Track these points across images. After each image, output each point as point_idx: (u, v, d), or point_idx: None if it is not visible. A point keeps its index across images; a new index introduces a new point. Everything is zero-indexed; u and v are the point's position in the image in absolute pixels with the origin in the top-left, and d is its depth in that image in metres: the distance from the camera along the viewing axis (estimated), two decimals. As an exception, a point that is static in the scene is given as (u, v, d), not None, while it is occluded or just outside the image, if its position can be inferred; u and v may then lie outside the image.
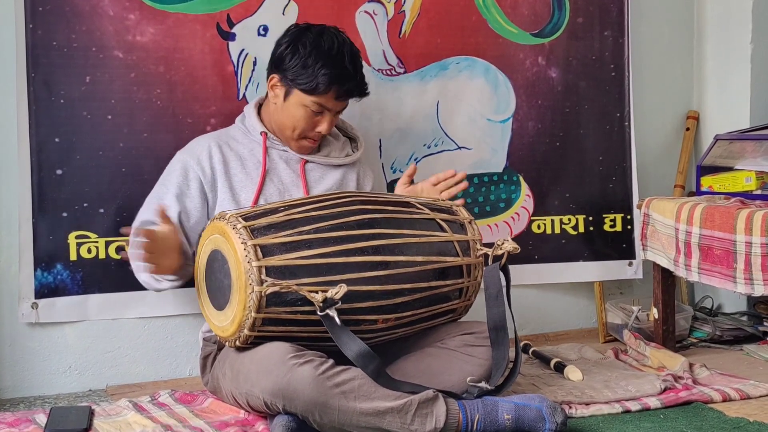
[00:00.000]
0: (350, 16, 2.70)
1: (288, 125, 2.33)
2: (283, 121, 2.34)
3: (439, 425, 1.93)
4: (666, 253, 2.65)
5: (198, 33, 2.54)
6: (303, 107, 2.29)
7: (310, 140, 2.36)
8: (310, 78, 2.25)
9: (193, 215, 2.29)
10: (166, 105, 2.52)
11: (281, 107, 2.33)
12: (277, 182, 2.35)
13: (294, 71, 2.27)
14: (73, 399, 2.43)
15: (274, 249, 1.98)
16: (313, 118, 2.31)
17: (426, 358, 2.17)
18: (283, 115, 2.33)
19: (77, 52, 2.43)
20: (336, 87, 2.27)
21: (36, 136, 2.40)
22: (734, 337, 2.89)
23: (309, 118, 2.31)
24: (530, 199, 2.96)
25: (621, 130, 3.05)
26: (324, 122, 2.32)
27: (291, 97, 2.30)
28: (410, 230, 2.13)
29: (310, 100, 2.28)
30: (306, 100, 2.28)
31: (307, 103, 2.29)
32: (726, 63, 3.11)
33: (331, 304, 1.93)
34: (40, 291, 2.42)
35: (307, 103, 2.29)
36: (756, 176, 2.68)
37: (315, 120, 2.32)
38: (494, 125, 2.91)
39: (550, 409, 1.97)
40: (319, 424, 1.93)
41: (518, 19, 2.91)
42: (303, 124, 2.31)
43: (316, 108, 2.29)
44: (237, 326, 1.99)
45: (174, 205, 2.27)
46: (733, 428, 2.05)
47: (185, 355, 2.60)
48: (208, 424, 2.09)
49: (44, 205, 2.41)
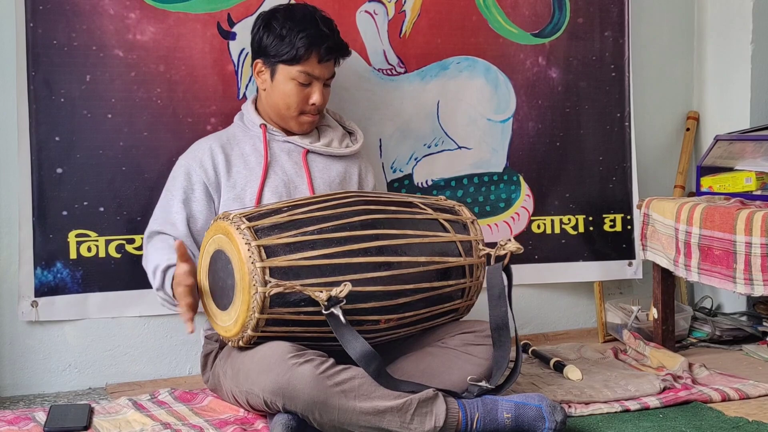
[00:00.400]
0: (351, 15, 2.70)
1: (281, 104, 2.34)
2: (276, 101, 2.35)
3: (438, 424, 1.93)
4: (666, 253, 2.65)
5: (198, 32, 2.54)
6: (291, 81, 2.31)
7: (308, 114, 2.37)
8: (289, 46, 2.28)
9: (200, 219, 2.30)
10: (166, 104, 2.52)
11: (271, 89, 2.35)
12: (281, 174, 2.36)
13: (273, 47, 2.30)
14: (73, 397, 2.43)
15: (278, 250, 1.98)
16: (304, 90, 2.33)
17: (426, 358, 2.17)
18: (274, 95, 2.34)
19: (77, 50, 2.43)
20: (316, 49, 2.29)
21: (36, 134, 2.40)
22: (734, 337, 2.89)
23: (299, 91, 2.32)
24: (530, 199, 2.96)
25: (621, 130, 3.05)
26: (315, 93, 2.33)
27: (277, 75, 2.32)
28: (413, 230, 2.13)
29: (296, 71, 2.30)
30: (292, 71, 2.30)
31: (293, 74, 2.30)
32: (726, 63, 3.11)
33: (335, 302, 1.94)
34: (40, 289, 2.42)
35: (293, 75, 2.30)
36: (756, 177, 2.68)
37: (306, 92, 2.33)
38: (494, 125, 2.91)
39: (549, 408, 1.97)
40: (318, 423, 1.93)
41: (519, 19, 2.91)
42: (295, 99, 2.33)
43: (304, 78, 2.31)
44: (240, 326, 1.99)
45: (181, 212, 2.28)
46: (732, 428, 2.05)
47: (185, 354, 2.60)
48: (208, 423, 2.09)
49: (44, 204, 2.42)
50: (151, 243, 2.29)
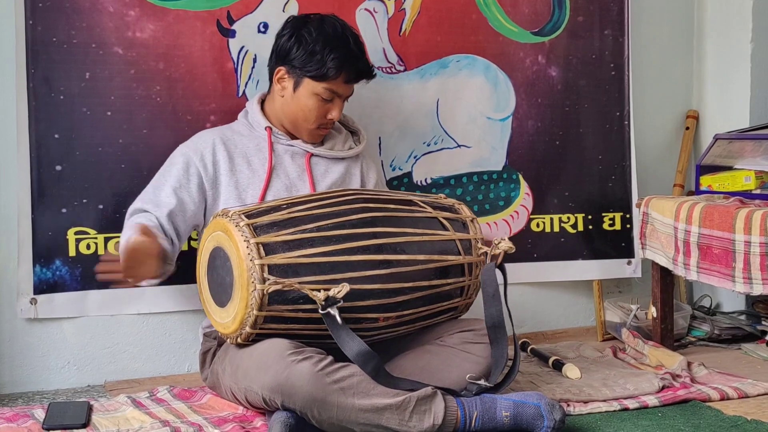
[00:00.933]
0: (350, 13, 2.70)
1: (300, 116, 2.34)
2: (294, 111, 2.34)
3: (437, 422, 1.93)
4: (665, 251, 2.65)
5: (198, 30, 2.54)
6: (314, 96, 2.30)
7: (323, 128, 2.37)
8: (320, 64, 2.27)
9: (189, 209, 2.29)
10: (165, 102, 2.52)
11: (291, 99, 2.34)
12: (284, 177, 2.36)
13: (302, 60, 2.28)
14: (72, 394, 2.43)
15: (277, 247, 1.98)
16: (324, 105, 2.32)
17: (425, 356, 2.17)
18: (294, 105, 2.34)
19: (77, 48, 2.43)
20: (346, 70, 2.29)
21: (35, 132, 2.40)
22: (732, 336, 2.89)
23: (320, 106, 2.32)
24: (529, 198, 2.96)
25: (620, 129, 3.05)
26: (335, 109, 2.33)
27: (301, 88, 2.31)
28: (412, 229, 2.13)
29: (322, 87, 2.29)
30: (317, 87, 2.29)
31: (318, 90, 2.29)
32: (726, 62, 3.11)
33: (333, 302, 1.94)
34: (38, 287, 2.42)
35: (318, 91, 2.30)
36: (755, 176, 2.68)
37: (326, 108, 2.33)
38: (494, 123, 2.91)
39: (548, 406, 1.97)
40: (317, 421, 1.93)
41: (518, 17, 2.91)
42: (315, 113, 2.32)
43: (328, 95, 2.30)
44: (239, 323, 1.99)
45: (170, 197, 2.26)
46: (731, 426, 2.05)
47: (184, 351, 2.60)
48: (207, 420, 2.09)
49: (43, 201, 2.41)
50: (131, 219, 2.27)
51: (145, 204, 2.27)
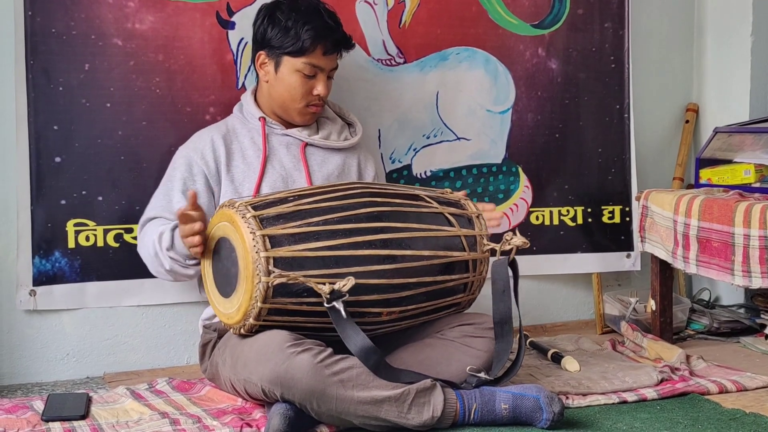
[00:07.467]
0: (350, 5, 2.69)
1: (286, 96, 2.34)
2: (280, 93, 2.35)
3: (436, 414, 1.93)
4: (664, 245, 2.65)
5: (197, 21, 2.54)
6: (296, 73, 2.31)
7: (312, 106, 2.37)
8: (295, 39, 2.28)
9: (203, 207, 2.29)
10: (165, 93, 2.51)
11: (275, 81, 2.34)
12: (279, 168, 2.36)
13: (278, 39, 2.30)
14: (71, 386, 2.43)
15: (283, 240, 1.98)
16: (308, 82, 2.33)
17: (425, 349, 2.17)
18: (278, 88, 2.34)
19: (76, 39, 2.42)
20: (322, 41, 2.30)
21: (34, 123, 2.40)
22: (731, 329, 2.89)
23: (304, 83, 2.33)
24: (529, 191, 2.96)
25: (620, 122, 3.05)
26: (319, 84, 2.34)
27: (282, 67, 2.32)
28: (418, 224, 2.13)
29: (301, 63, 2.30)
30: (297, 63, 2.30)
31: (299, 66, 2.31)
32: (726, 55, 3.11)
33: (338, 296, 1.94)
34: (38, 278, 2.42)
35: (299, 67, 2.31)
36: (755, 169, 2.68)
37: (310, 84, 2.33)
38: (494, 116, 2.91)
39: (547, 399, 1.97)
40: (316, 413, 1.93)
41: (518, 9, 2.90)
42: (300, 90, 2.33)
43: (309, 70, 2.31)
44: (242, 315, 1.99)
45: (182, 202, 2.26)
46: (729, 420, 2.06)
47: (183, 343, 2.60)
48: (206, 412, 2.09)
49: (42, 193, 2.41)
50: (148, 225, 2.28)
51: (160, 212, 2.28)
